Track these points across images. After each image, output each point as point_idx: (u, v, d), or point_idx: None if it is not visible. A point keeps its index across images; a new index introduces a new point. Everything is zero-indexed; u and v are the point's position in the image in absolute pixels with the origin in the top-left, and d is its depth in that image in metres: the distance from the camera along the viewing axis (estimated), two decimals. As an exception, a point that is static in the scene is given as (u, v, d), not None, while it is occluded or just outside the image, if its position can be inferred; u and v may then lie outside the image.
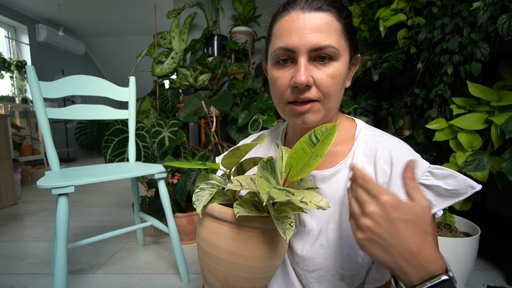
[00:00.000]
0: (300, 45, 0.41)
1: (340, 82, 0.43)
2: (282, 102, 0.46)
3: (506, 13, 0.86)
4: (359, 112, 2.00)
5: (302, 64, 0.41)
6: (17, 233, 1.66)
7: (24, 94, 4.03)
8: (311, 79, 0.42)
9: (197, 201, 0.40)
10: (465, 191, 0.39)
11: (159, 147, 1.67)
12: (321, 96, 0.43)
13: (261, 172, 0.37)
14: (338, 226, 0.47)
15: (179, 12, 2.22)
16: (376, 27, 1.60)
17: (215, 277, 0.40)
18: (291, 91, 0.44)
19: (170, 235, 1.11)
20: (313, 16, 0.41)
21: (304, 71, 0.41)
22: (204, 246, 0.41)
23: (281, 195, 0.33)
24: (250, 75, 2.08)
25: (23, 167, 3.10)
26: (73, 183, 0.85)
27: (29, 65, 0.98)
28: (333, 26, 0.41)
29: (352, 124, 0.53)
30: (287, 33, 0.42)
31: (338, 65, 0.42)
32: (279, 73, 0.44)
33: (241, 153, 0.41)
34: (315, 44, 0.40)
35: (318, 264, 0.47)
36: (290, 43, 0.41)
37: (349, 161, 0.48)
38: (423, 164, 0.43)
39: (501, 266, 1.14)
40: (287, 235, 0.34)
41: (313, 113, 0.44)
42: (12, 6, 3.96)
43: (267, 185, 0.35)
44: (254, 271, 0.39)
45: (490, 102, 1.01)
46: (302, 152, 0.39)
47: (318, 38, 0.40)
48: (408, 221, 0.31)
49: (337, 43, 0.41)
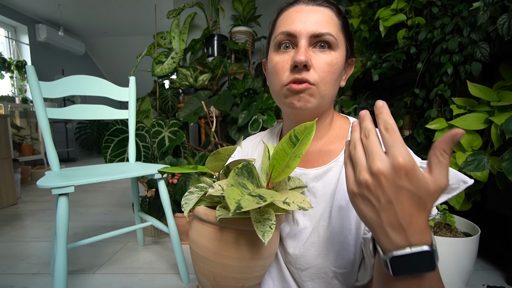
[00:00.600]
0: (302, 29, 0.44)
1: (336, 71, 0.45)
2: (280, 85, 0.46)
3: (506, 13, 0.86)
4: (359, 112, 2.00)
5: (302, 46, 0.43)
6: (17, 233, 1.66)
7: (24, 94, 4.03)
8: (310, 61, 0.43)
9: (185, 205, 0.41)
10: (458, 186, 0.38)
11: (159, 147, 1.67)
12: (318, 80, 0.44)
13: (234, 179, 0.35)
14: (328, 223, 0.47)
15: (179, 12, 2.22)
16: (376, 27, 1.60)
17: (205, 277, 0.41)
18: (290, 72, 0.45)
19: (170, 235, 1.11)
20: (316, 9, 0.45)
21: (304, 51, 0.43)
22: (193, 247, 0.42)
23: (252, 203, 0.32)
24: (250, 75, 2.08)
25: (23, 167, 3.10)
26: (73, 183, 0.85)
27: (29, 65, 0.98)
28: (333, 20, 0.45)
29: (346, 122, 0.54)
30: (290, 20, 0.45)
31: (336, 54, 0.45)
32: (279, 58, 0.46)
33: (223, 156, 0.41)
34: (315, 30, 0.43)
35: (309, 262, 0.47)
36: (292, 28, 0.44)
37: (341, 159, 0.49)
38: (415, 159, 0.43)
39: (501, 266, 1.14)
40: (266, 237, 0.34)
41: (308, 95, 0.45)
42: (12, 6, 3.96)
43: (240, 192, 0.34)
44: (241, 271, 0.40)
45: (490, 102, 1.01)
46: (284, 153, 0.39)
47: (319, 26, 0.44)
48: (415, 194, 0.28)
49: (336, 34, 0.45)
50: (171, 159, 1.56)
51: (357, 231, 0.45)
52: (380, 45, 1.70)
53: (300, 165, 0.53)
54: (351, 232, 0.46)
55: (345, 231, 0.46)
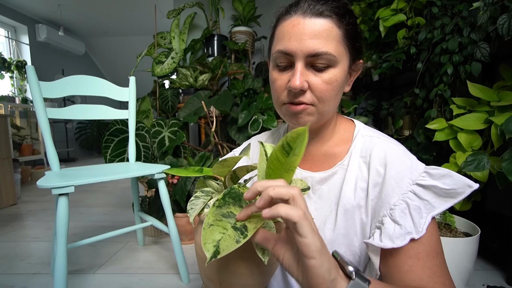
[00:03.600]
0: (298, 50, 0.41)
1: (335, 88, 0.44)
2: (279, 102, 0.47)
3: (506, 13, 0.86)
4: (359, 112, 2.00)
5: (298, 69, 0.42)
6: (17, 233, 1.66)
7: (24, 94, 4.03)
8: (305, 84, 0.42)
9: (191, 210, 0.41)
10: (463, 190, 0.38)
11: (159, 147, 1.67)
12: (315, 100, 0.44)
13: (214, 215, 0.32)
14: (334, 226, 0.47)
15: (179, 12, 2.22)
16: (376, 27, 1.60)
17: (211, 282, 0.41)
18: (287, 93, 0.45)
19: (170, 235, 1.11)
20: (313, 22, 0.41)
21: (300, 76, 0.42)
22: (199, 252, 0.42)
23: (232, 242, 0.30)
24: (250, 75, 2.08)
25: (23, 167, 3.10)
26: (73, 183, 0.85)
27: (29, 65, 0.98)
28: (333, 33, 0.42)
29: (351, 126, 0.54)
30: (287, 37, 0.43)
31: (335, 71, 0.43)
32: (278, 75, 0.46)
33: (230, 163, 0.40)
34: (312, 50, 0.41)
35: None
36: (288, 47, 0.42)
37: (346, 162, 0.49)
38: (418, 166, 0.43)
39: (501, 266, 1.14)
40: (266, 256, 0.34)
41: (306, 114, 0.45)
42: (12, 6, 3.96)
43: (221, 229, 0.31)
44: (248, 277, 0.39)
45: (490, 102, 1.01)
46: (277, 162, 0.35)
47: (316, 45, 0.41)
48: None
49: (335, 50, 0.42)
50: (171, 159, 1.56)
51: (362, 232, 0.46)
52: (380, 45, 1.70)
53: (306, 168, 0.53)
54: (356, 234, 0.46)
55: (350, 233, 0.46)
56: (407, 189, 0.41)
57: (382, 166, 0.45)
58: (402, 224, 0.39)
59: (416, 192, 0.41)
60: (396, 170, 0.43)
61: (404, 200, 0.41)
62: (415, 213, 0.40)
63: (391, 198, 0.42)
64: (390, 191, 0.42)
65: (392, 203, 0.42)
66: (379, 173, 0.45)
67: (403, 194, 0.41)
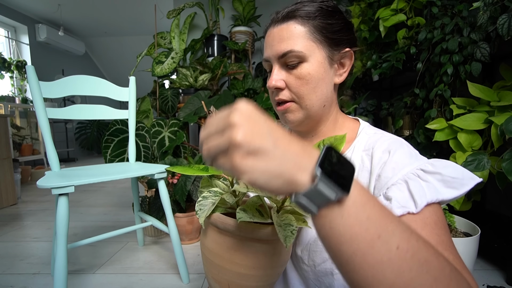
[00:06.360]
0: (271, 55, 0.48)
1: (310, 81, 0.46)
2: (273, 104, 0.53)
3: (506, 13, 0.87)
4: (359, 112, 2.00)
5: (273, 71, 0.48)
6: (17, 233, 1.66)
7: (24, 94, 4.03)
8: (279, 83, 0.47)
9: (200, 211, 0.40)
10: (467, 182, 0.37)
11: (159, 147, 1.67)
12: (294, 96, 0.48)
13: None
14: None
15: (179, 12, 2.22)
16: (376, 27, 1.60)
17: (219, 284, 0.41)
18: (272, 95, 0.51)
19: (170, 235, 1.11)
20: (279, 28, 0.47)
21: (273, 76, 0.47)
22: (207, 254, 0.41)
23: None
24: (250, 75, 2.08)
25: (23, 167, 3.09)
26: (73, 183, 0.85)
27: (29, 65, 0.98)
28: (296, 32, 0.45)
29: (356, 125, 0.54)
30: (265, 47, 0.50)
31: (307, 65, 0.46)
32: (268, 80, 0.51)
33: None
34: (280, 52, 0.46)
35: (323, 257, 0.47)
36: (266, 55, 0.49)
37: (349, 155, 0.49)
38: (423, 158, 0.43)
39: (501, 266, 1.14)
40: (288, 242, 0.34)
41: (291, 112, 0.49)
42: (12, 6, 3.96)
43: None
44: (257, 279, 0.39)
45: (490, 102, 1.01)
46: None
47: (282, 46, 0.46)
48: None
49: (301, 46, 0.45)
50: (171, 159, 1.56)
51: None
52: (380, 45, 1.70)
53: None
54: None
55: None
56: (409, 172, 0.40)
57: (385, 153, 0.44)
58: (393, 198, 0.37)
59: (418, 174, 0.39)
60: (399, 157, 0.42)
61: (404, 180, 0.39)
62: (416, 190, 0.37)
63: (389, 180, 0.40)
64: (390, 173, 0.41)
65: (391, 183, 0.40)
66: (382, 159, 0.44)
67: (403, 175, 0.40)
